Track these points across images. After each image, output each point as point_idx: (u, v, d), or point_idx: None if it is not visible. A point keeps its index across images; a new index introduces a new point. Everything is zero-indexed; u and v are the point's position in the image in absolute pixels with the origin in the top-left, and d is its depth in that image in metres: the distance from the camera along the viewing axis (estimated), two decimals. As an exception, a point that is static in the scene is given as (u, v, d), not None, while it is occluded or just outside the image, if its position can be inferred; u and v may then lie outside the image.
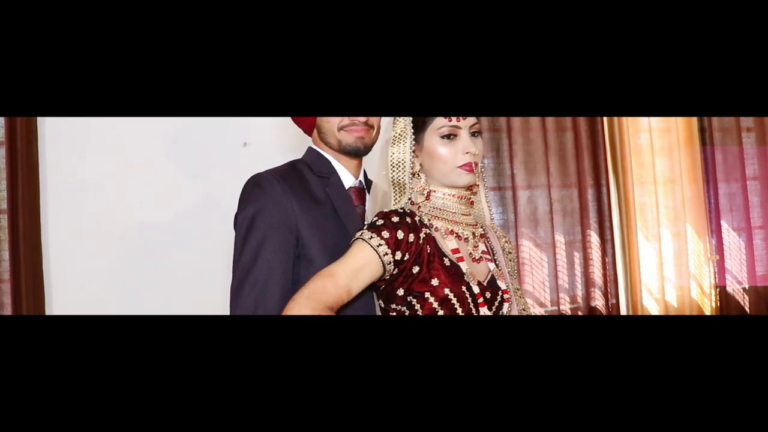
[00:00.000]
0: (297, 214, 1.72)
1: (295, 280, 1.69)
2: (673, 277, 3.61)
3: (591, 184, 3.44)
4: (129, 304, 2.76)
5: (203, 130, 2.90)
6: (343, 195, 1.86)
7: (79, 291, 2.73)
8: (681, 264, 3.60)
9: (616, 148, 3.49)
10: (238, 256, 1.70)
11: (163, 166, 2.86)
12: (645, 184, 3.59)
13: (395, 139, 1.76)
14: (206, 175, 2.89)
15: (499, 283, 1.78)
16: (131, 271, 2.80)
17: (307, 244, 1.72)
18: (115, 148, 2.82)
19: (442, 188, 1.78)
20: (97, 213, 2.77)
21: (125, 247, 2.81)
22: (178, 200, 2.86)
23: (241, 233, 1.71)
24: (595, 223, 3.44)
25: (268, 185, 1.74)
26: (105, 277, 2.77)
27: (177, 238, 2.84)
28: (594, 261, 3.41)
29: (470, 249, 1.78)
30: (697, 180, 3.64)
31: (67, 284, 2.73)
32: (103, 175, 2.80)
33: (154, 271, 2.81)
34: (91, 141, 2.80)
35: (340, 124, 1.85)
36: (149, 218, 2.83)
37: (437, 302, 1.65)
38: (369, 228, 1.65)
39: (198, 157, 2.89)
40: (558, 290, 3.36)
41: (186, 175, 2.88)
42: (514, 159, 3.36)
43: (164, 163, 2.87)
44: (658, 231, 3.57)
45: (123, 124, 2.81)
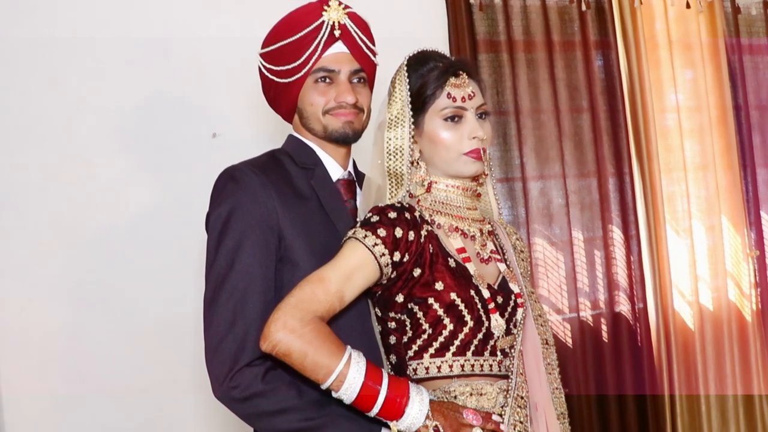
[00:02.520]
0: (278, 211, 1.71)
1: (278, 287, 1.68)
2: (707, 276, 3.63)
3: (612, 172, 3.46)
4: (82, 324, 2.74)
5: (165, 118, 2.89)
6: (331, 188, 1.85)
7: (26, 308, 2.71)
8: (716, 261, 3.62)
9: (639, 130, 3.51)
10: (212, 261, 1.69)
11: (117, 162, 2.85)
12: (673, 171, 3.61)
13: (391, 123, 1.76)
14: (169, 172, 2.88)
15: (511, 285, 1.78)
16: (83, 284, 2.78)
17: (290, 245, 1.71)
18: (57, 141, 2.80)
19: (445, 179, 1.77)
20: (40, 220, 2.75)
21: (75, 257, 2.79)
22: (136, 201, 2.85)
23: (215, 235, 1.70)
24: (617, 217, 3.45)
25: (244, 179, 1.73)
26: (52, 292, 2.74)
27: (136, 245, 2.82)
28: (617, 260, 3.43)
29: (478, 248, 1.78)
30: (733, 165, 3.67)
31: (10, 302, 2.70)
32: (45, 175, 2.77)
33: (110, 284, 2.79)
34: (30, 132, 2.78)
35: (326, 107, 1.84)
36: (102, 223, 2.80)
37: (442, 309, 1.65)
38: (363, 225, 1.65)
39: (159, 151, 2.88)
40: (577, 294, 3.37)
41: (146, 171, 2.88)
42: (523, 146, 3.37)
43: (119, 158, 2.85)
44: (690, 224, 3.59)
45: (66, 110, 2.79)
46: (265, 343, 1.53)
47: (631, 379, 3.39)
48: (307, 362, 1.52)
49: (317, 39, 1.81)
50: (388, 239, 1.63)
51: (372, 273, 1.63)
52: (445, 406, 1.60)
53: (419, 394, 1.57)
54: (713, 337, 3.59)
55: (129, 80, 2.85)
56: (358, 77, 1.87)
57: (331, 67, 1.83)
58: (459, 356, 1.66)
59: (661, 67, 3.61)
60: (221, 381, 1.61)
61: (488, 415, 1.63)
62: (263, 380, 1.60)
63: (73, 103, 2.79)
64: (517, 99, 3.37)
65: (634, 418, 3.38)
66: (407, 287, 1.66)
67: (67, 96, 2.79)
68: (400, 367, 1.72)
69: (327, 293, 1.57)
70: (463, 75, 1.75)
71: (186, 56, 2.89)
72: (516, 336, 1.75)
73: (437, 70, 1.74)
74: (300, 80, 1.83)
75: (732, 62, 3.69)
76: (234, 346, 1.61)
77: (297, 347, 1.51)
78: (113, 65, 2.83)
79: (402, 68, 1.77)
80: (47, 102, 2.76)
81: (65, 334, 2.73)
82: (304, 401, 1.62)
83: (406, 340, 1.69)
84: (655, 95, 3.55)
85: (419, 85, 1.74)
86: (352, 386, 1.52)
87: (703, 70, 3.64)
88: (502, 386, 1.70)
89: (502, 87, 3.37)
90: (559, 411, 1.81)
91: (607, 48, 3.50)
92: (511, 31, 3.37)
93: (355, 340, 1.64)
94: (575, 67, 3.46)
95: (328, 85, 1.84)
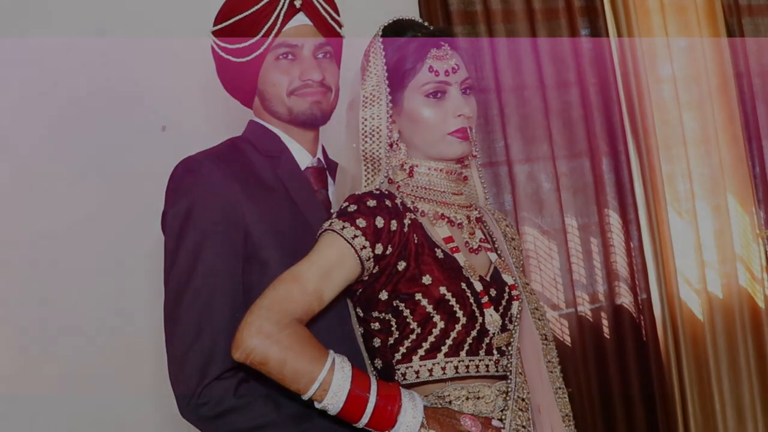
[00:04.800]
0: (242, 205, 1.71)
1: (246, 289, 1.68)
2: (715, 261, 3.67)
3: (605, 151, 3.49)
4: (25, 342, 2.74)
5: (107, 112, 2.87)
6: (299, 177, 1.86)
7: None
8: (724, 245, 3.66)
9: (633, 104, 3.55)
10: (171, 265, 1.68)
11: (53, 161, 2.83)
12: (672, 147, 3.64)
13: (366, 101, 1.75)
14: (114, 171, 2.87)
15: (504, 277, 1.80)
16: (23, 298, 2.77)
17: (258, 241, 1.71)
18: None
19: (427, 161, 1.78)
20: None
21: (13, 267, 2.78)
22: (77, 204, 2.84)
23: (173, 235, 1.70)
24: (613, 200, 3.48)
25: (202, 171, 1.72)
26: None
27: (81, 252, 2.81)
28: (616, 248, 3.46)
29: (466, 237, 1.79)
30: (737, 138, 3.71)
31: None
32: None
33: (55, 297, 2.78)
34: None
35: (290, 87, 1.84)
36: (40, 228, 2.80)
37: (431, 305, 1.65)
38: (339, 216, 1.65)
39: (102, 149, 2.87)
40: (573, 287, 3.40)
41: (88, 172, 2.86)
42: (506, 126, 3.39)
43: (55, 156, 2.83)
44: (693, 205, 3.63)
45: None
46: (237, 352, 1.51)
47: (637, 377, 3.42)
48: (286, 370, 1.51)
49: (276, 11, 1.80)
50: (369, 230, 1.62)
51: (352, 268, 1.62)
52: (441, 412, 1.60)
53: (412, 400, 1.57)
54: (724, 327, 3.64)
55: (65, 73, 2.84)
56: (324, 52, 1.87)
57: (293, 41, 1.83)
58: (452, 357, 1.67)
59: (654, 33, 3.65)
60: (188, 398, 1.60)
61: (488, 420, 1.64)
62: (236, 394, 1.60)
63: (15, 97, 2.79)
64: (498, 75, 3.39)
65: (642, 420, 3.41)
66: (391, 283, 1.66)
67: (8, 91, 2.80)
68: (386, 372, 1.72)
69: (304, 292, 1.56)
70: (445, 46, 1.75)
71: (126, 44, 2.88)
72: (513, 332, 1.76)
73: (416, 41, 1.74)
74: (259, 58, 1.83)
75: (731, 25, 3.72)
76: (201, 358, 1.60)
77: (274, 354, 1.50)
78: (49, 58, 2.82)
79: (377, 39, 1.77)
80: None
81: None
82: (282, 415, 1.61)
83: (392, 342, 1.69)
84: (648, 64, 3.59)
85: (396, 58, 1.74)
86: (338, 395, 1.52)
87: (700, 34, 3.68)
88: (500, 388, 1.71)
89: (481, 62, 3.38)
90: (563, 412, 1.82)
91: (593, 15, 3.53)
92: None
93: (334, 345, 1.62)
94: (560, 37, 3.47)
95: (290, 62, 1.84)
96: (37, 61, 2.82)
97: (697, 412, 3.54)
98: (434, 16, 3.27)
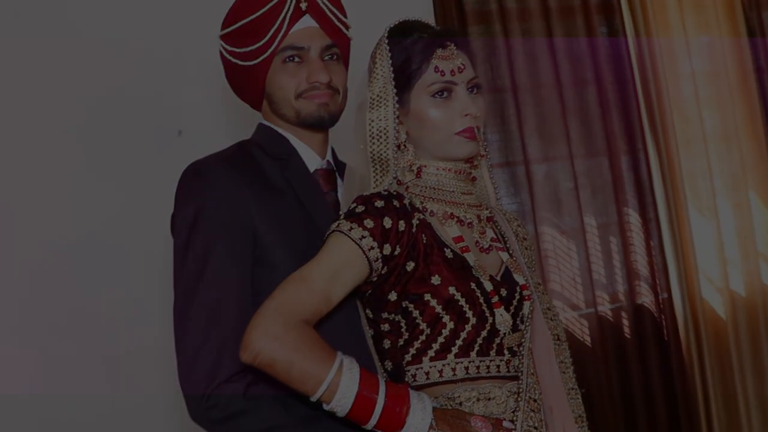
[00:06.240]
0: (251, 209, 1.71)
1: (255, 292, 1.68)
2: (737, 259, 3.64)
3: (624, 149, 3.47)
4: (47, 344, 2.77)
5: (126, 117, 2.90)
6: (308, 180, 1.86)
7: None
8: (746, 242, 3.63)
9: (652, 101, 3.53)
10: (180, 268, 1.69)
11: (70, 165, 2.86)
12: (692, 144, 3.62)
13: (373, 103, 1.76)
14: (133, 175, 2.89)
15: (515, 276, 1.79)
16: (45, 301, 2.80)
17: (267, 245, 1.71)
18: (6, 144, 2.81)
19: (435, 162, 1.78)
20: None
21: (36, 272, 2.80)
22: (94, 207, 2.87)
23: (182, 238, 1.71)
24: (633, 198, 3.47)
25: (211, 174, 1.73)
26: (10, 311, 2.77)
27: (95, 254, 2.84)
28: (636, 247, 3.44)
29: (476, 236, 1.79)
30: (758, 134, 3.68)
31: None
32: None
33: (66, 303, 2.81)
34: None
35: (298, 90, 1.85)
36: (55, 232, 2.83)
37: (441, 306, 1.66)
38: (347, 217, 1.65)
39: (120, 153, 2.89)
40: (593, 287, 3.39)
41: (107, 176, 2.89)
42: (523, 126, 3.39)
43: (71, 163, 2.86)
44: (714, 203, 3.60)
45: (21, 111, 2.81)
46: (245, 353, 1.52)
47: (659, 378, 3.40)
48: (293, 372, 1.51)
49: (282, 14, 1.81)
50: (377, 231, 1.63)
51: (361, 269, 1.63)
52: (451, 413, 1.60)
53: (421, 401, 1.57)
54: (748, 326, 3.60)
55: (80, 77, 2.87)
56: (331, 54, 1.88)
57: (300, 44, 1.84)
58: (462, 358, 1.67)
59: (672, 30, 3.62)
60: (198, 401, 1.61)
61: (498, 421, 1.64)
62: (245, 396, 1.61)
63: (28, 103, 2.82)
64: (514, 74, 3.39)
65: (664, 421, 3.39)
66: (400, 283, 1.67)
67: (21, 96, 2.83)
68: (397, 374, 1.72)
69: (311, 293, 1.57)
70: (451, 46, 1.75)
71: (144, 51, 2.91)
72: (524, 332, 1.76)
73: (422, 42, 1.75)
74: (266, 61, 1.84)
75: (750, 19, 3.69)
76: (210, 361, 1.61)
77: (282, 356, 1.51)
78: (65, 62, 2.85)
79: (383, 41, 1.77)
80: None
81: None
82: (291, 417, 1.62)
83: (402, 343, 1.70)
84: (666, 61, 3.56)
85: (403, 58, 1.75)
86: (346, 396, 1.52)
87: (719, 30, 3.65)
88: (511, 389, 1.71)
89: (496, 62, 3.38)
90: (576, 413, 1.83)
91: (610, 12, 3.52)
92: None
93: (344, 347, 1.62)
94: (576, 35, 3.46)
95: (297, 65, 1.84)
96: (53, 66, 2.85)
97: (720, 413, 3.51)
98: (449, 16, 3.27)
